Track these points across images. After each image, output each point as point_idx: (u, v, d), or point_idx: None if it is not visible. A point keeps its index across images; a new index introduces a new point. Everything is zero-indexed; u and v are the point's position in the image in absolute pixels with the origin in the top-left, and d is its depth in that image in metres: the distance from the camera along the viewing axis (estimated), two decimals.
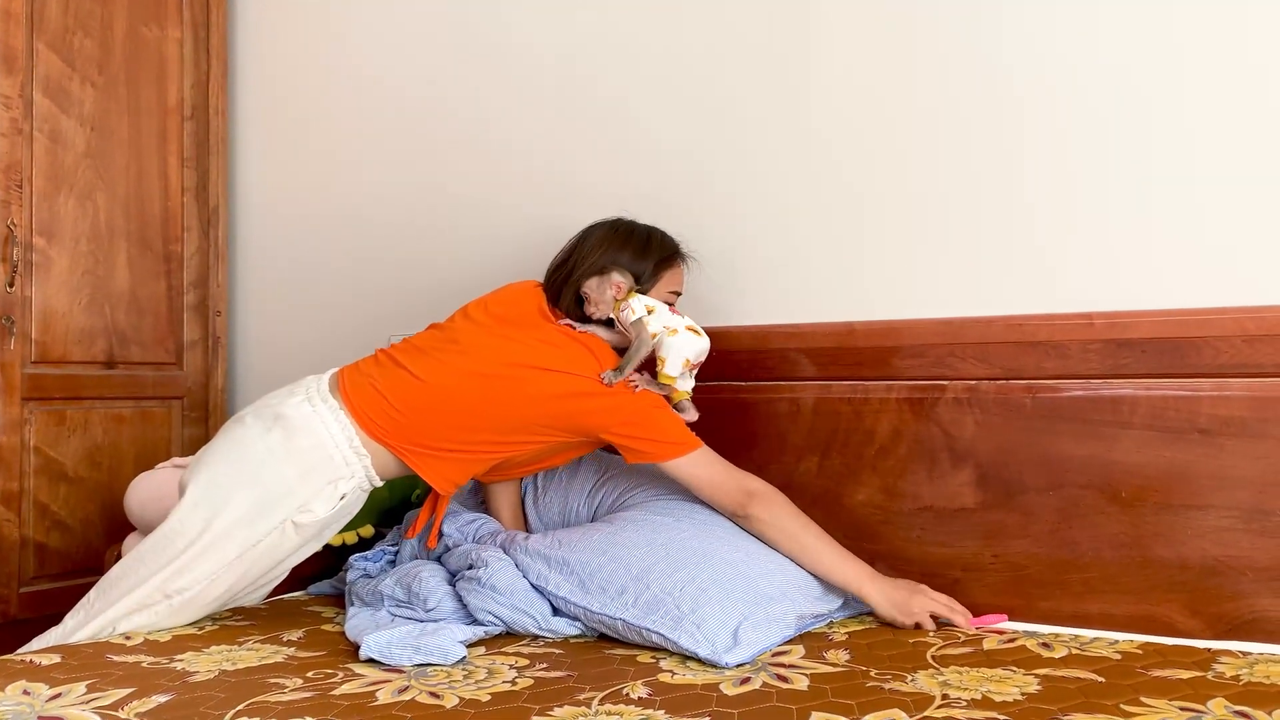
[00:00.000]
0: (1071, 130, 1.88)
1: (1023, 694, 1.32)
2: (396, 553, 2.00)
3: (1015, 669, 1.44)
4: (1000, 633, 1.66)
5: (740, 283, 2.17)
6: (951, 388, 1.91)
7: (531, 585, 1.71)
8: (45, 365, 2.41)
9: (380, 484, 1.81)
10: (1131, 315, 1.78)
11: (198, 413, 2.75)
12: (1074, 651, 1.54)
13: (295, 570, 2.15)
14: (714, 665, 1.48)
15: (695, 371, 1.84)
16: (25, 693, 1.33)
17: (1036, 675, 1.41)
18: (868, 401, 1.98)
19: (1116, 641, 1.60)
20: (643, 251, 1.88)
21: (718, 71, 2.21)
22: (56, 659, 1.49)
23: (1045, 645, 1.58)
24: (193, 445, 2.60)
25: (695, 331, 1.82)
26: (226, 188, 2.81)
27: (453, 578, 1.79)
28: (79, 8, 2.48)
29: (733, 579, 1.64)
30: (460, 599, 1.72)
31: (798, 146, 2.12)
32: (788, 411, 2.05)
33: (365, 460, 1.76)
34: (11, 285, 2.32)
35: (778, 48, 2.15)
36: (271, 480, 1.73)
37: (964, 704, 1.28)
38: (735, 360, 2.10)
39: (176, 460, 2.34)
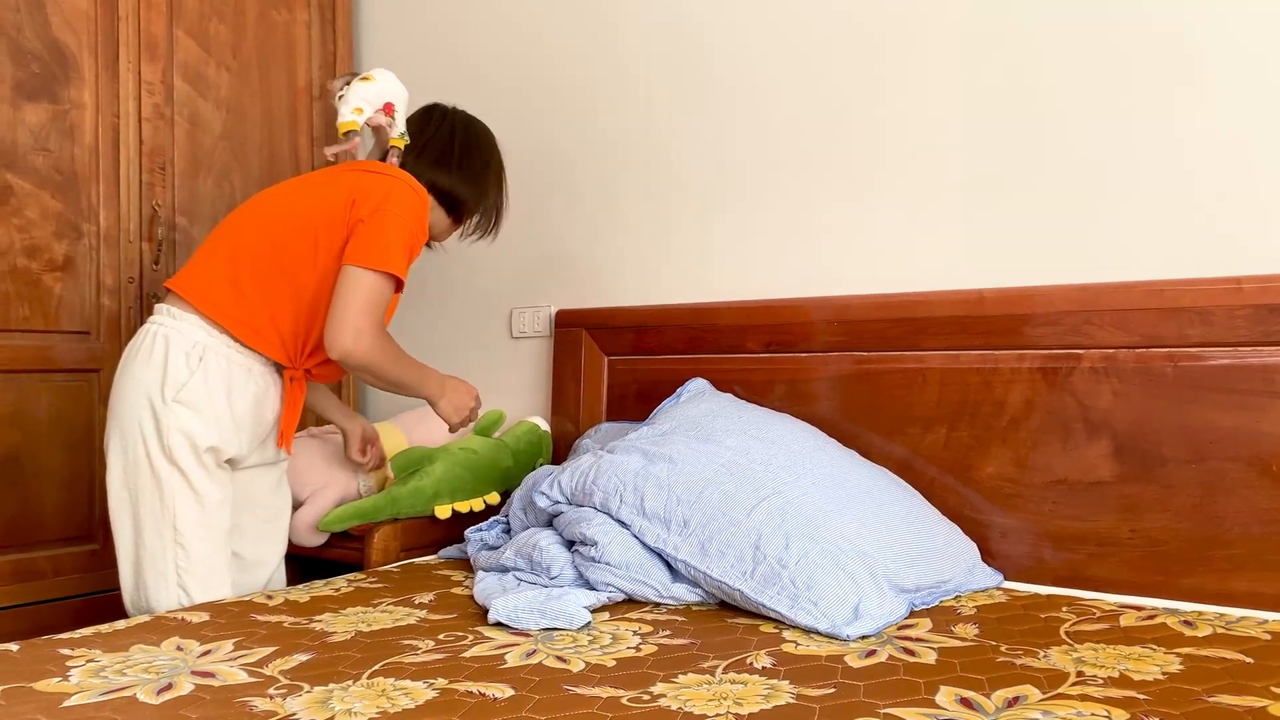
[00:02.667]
0: (1220, 85, 1.78)
1: (1164, 673, 1.27)
2: (509, 520, 2.03)
3: (1155, 647, 1.39)
4: (1138, 609, 1.60)
5: (865, 250, 2.14)
6: (1087, 357, 1.84)
7: (648, 547, 1.71)
8: None
9: (231, 341, 1.81)
10: None
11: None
12: (1219, 631, 1.47)
13: (426, 535, 2.22)
14: (835, 638, 1.46)
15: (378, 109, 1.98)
16: (179, 648, 1.40)
17: (1178, 654, 1.35)
18: (998, 371, 1.92)
19: (1266, 621, 1.53)
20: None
21: (827, 58, 2.17)
22: (205, 617, 1.57)
23: (1187, 623, 1.51)
24: None
25: (367, 79, 1.99)
26: None
27: (570, 545, 1.81)
28: None
29: (848, 552, 1.61)
30: None
31: (921, 110, 2.07)
32: (914, 382, 2.00)
33: (192, 318, 1.79)
34: (157, 263, 2.44)
35: (910, 23, 2.09)
36: (137, 390, 1.78)
37: (1100, 682, 1.24)
38: (860, 329, 2.07)
39: (312, 430, 2.42)
